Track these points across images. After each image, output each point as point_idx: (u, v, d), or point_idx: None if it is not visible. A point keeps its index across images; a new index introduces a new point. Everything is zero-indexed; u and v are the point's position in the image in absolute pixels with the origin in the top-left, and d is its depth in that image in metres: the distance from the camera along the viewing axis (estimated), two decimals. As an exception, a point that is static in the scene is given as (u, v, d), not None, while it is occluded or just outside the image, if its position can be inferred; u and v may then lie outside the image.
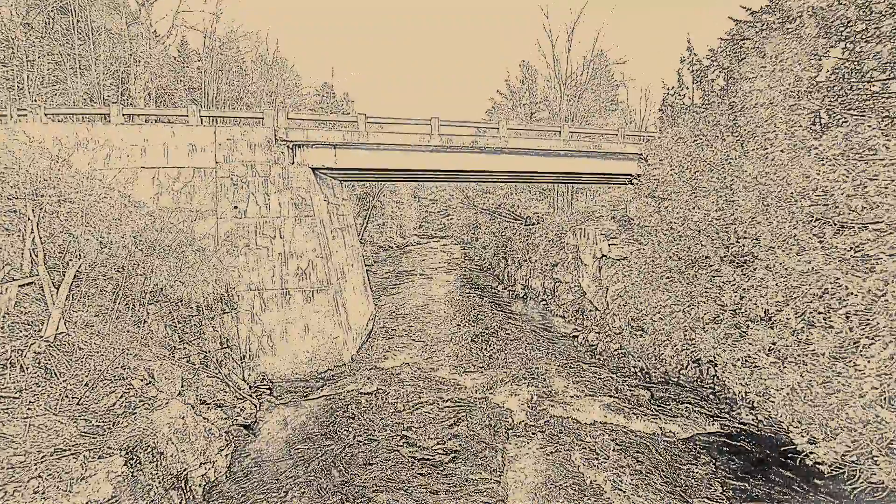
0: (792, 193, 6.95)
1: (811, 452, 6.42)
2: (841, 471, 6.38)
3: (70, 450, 6.90)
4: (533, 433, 10.71)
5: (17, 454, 6.52)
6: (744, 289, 8.17)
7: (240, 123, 14.84)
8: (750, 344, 7.58)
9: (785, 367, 6.86)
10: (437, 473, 9.26)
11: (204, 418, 9.45)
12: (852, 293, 6.05)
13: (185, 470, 8.04)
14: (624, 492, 8.72)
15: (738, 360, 7.96)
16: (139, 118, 15.29)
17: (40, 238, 9.42)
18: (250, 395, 11.66)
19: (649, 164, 12.85)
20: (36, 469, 6.38)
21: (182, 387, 10.02)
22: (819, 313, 6.52)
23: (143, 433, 7.78)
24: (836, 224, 6.55)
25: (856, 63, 7.18)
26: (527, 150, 15.91)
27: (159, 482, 7.34)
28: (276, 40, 31.47)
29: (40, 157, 10.68)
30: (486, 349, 17.14)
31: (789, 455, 8.64)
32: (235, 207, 13.39)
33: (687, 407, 11.98)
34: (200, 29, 26.13)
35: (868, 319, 5.99)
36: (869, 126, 6.46)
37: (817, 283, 6.42)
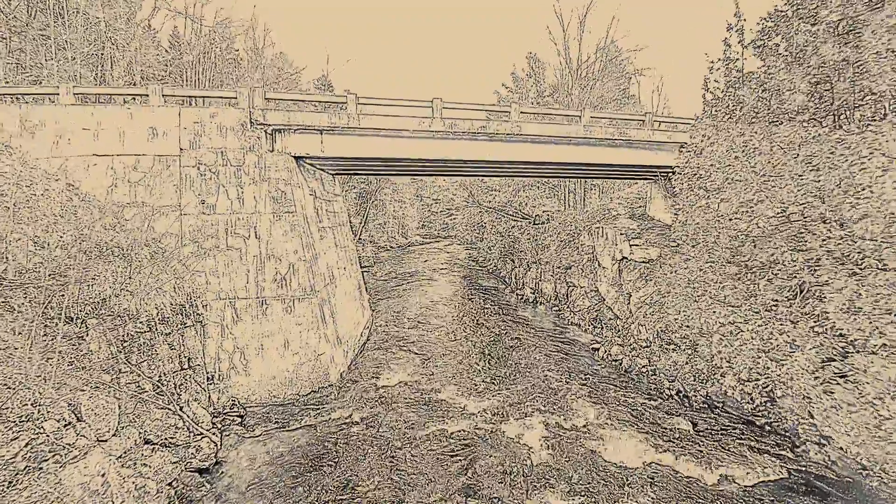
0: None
1: None
2: None
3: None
4: (558, 480, 8.65)
5: None
6: (846, 309, 6.14)
7: (209, 104, 12.83)
8: (867, 383, 5.54)
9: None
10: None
11: (143, 465, 7.46)
12: None
13: (104, 545, 6.04)
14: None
15: (846, 403, 5.92)
16: (100, 99, 13.32)
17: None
18: (212, 428, 9.65)
19: (694, 150, 10.80)
20: None
21: (122, 423, 8.04)
22: None
23: (43, 501, 5.78)
24: None
25: None
26: (542, 137, 13.86)
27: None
28: (265, 28, 29.36)
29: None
30: (494, 363, 15.10)
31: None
32: (202, 202, 11.40)
33: (742, 443, 9.89)
34: (185, 13, 24.22)
35: None
36: None
37: None
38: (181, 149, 11.51)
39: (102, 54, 21.15)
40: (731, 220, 8.91)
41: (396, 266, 38.09)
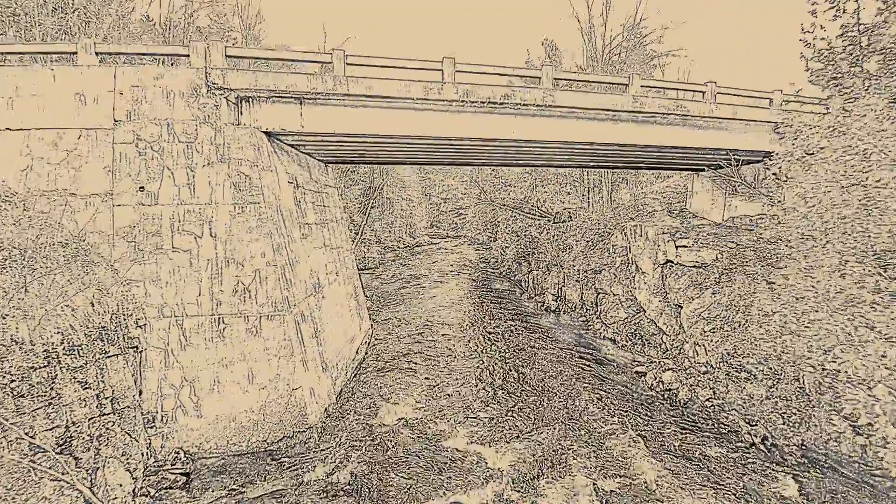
0: None
1: None
2: None
3: None
4: None
5: None
6: None
7: (155, 62, 10.10)
8: None
9: None
10: None
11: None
12: None
13: None
14: None
15: None
16: (12, 58, 10.75)
17: None
18: (138, 498, 6.94)
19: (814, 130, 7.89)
20: None
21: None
22: None
23: None
24: None
25: None
26: (580, 111, 10.98)
27: None
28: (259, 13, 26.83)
29: None
30: (516, 389, 12.26)
31: None
32: (142, 189, 8.72)
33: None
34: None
35: None
36: None
37: None
38: (116, 120, 8.84)
39: (70, 27, 18.67)
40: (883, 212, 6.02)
41: (403, 268, 35.41)
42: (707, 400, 11.51)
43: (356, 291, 15.90)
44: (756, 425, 10.09)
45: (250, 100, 9.51)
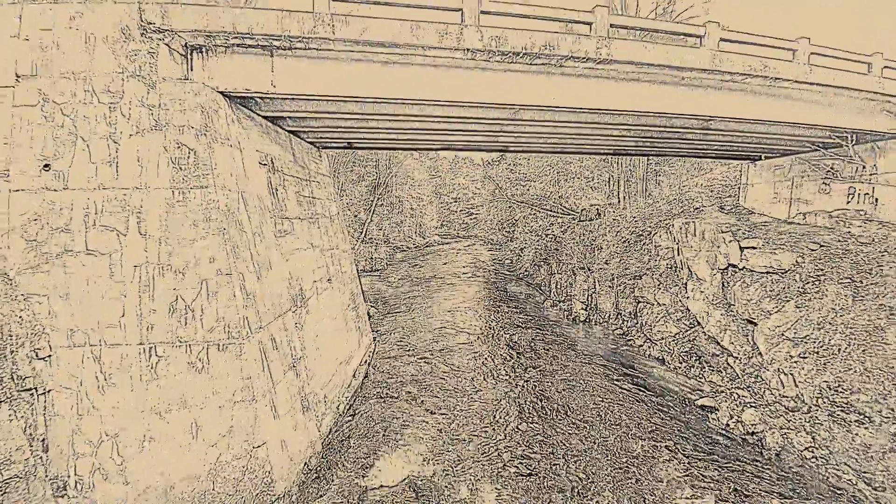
0: None
1: None
2: None
3: None
4: None
5: None
6: None
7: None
8: None
9: None
10: None
11: None
12: None
13: None
14: None
15: None
16: None
17: None
18: None
19: None
20: None
21: None
22: None
23: None
24: None
25: None
26: (643, 68, 8.33)
27: None
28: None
29: None
30: (551, 430, 9.66)
31: None
32: (46, 167, 6.29)
33: None
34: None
35: None
36: None
37: None
38: (18, 76, 6.44)
39: None
40: None
41: (413, 269, 32.96)
42: (806, 449, 8.78)
43: (355, 301, 13.41)
44: (883, 489, 7.37)
45: (203, 50, 7.04)
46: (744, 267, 12.87)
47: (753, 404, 10.32)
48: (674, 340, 13.98)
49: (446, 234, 60.64)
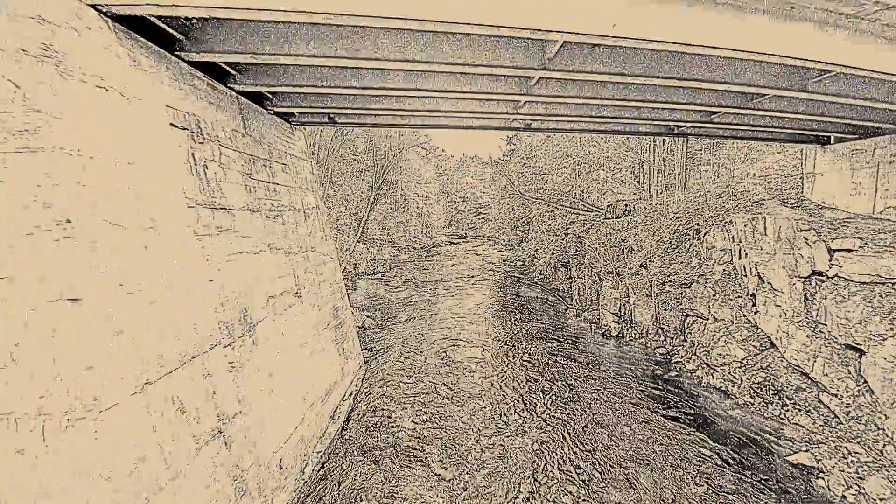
0: None
1: None
2: None
3: None
4: None
5: None
6: None
7: None
8: None
9: None
10: None
11: None
12: None
13: None
14: None
15: None
16: None
17: None
18: None
19: None
20: None
21: None
22: None
23: None
24: None
25: None
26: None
27: None
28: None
29: None
30: (600, 497, 6.86)
31: None
32: None
33: None
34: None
35: None
36: None
37: None
38: None
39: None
40: None
41: (418, 272, 30.31)
42: None
43: (338, 317, 10.69)
44: None
45: (59, -64, 4.33)
46: (835, 275, 9.95)
47: (876, 467, 7.41)
48: (741, 367, 11.05)
49: (454, 234, 57.93)
